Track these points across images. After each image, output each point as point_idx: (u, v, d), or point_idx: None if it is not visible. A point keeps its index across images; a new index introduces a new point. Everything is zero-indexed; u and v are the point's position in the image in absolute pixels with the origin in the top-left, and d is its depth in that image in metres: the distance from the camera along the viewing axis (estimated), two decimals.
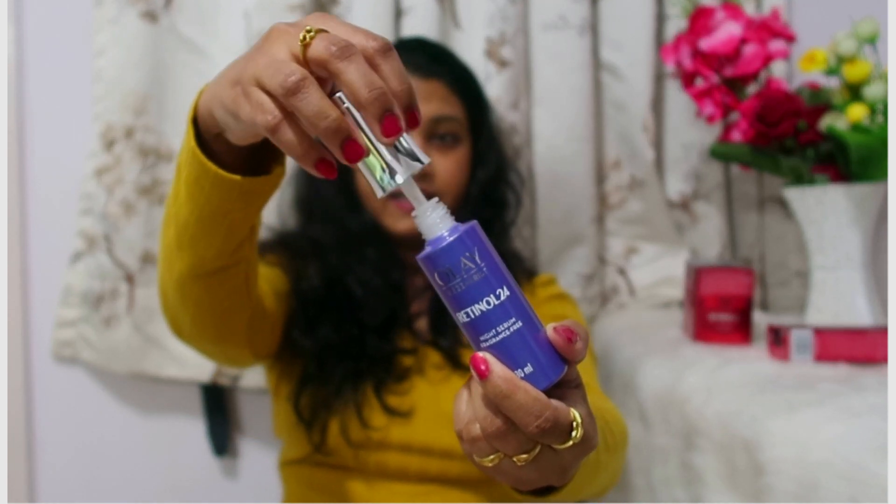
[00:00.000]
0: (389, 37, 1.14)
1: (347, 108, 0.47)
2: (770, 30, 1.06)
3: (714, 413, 0.79)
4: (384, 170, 0.48)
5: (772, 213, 1.26)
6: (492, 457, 0.48)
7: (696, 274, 0.99)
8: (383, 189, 0.49)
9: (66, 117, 1.17)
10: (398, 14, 1.16)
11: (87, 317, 1.14)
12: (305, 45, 0.46)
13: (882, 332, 0.86)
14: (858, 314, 0.97)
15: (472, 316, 0.47)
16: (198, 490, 1.23)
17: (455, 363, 0.89)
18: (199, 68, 1.14)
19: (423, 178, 0.90)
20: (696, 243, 1.27)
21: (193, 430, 1.22)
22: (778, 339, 0.88)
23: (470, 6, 1.17)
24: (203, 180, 0.59)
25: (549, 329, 0.47)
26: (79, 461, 1.21)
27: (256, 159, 0.61)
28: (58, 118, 1.17)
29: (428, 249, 0.48)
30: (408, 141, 0.48)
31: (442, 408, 0.86)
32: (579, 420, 0.47)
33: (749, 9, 1.20)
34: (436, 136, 0.92)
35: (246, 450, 1.24)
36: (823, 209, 0.99)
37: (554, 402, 0.46)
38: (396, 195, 0.89)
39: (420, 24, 1.13)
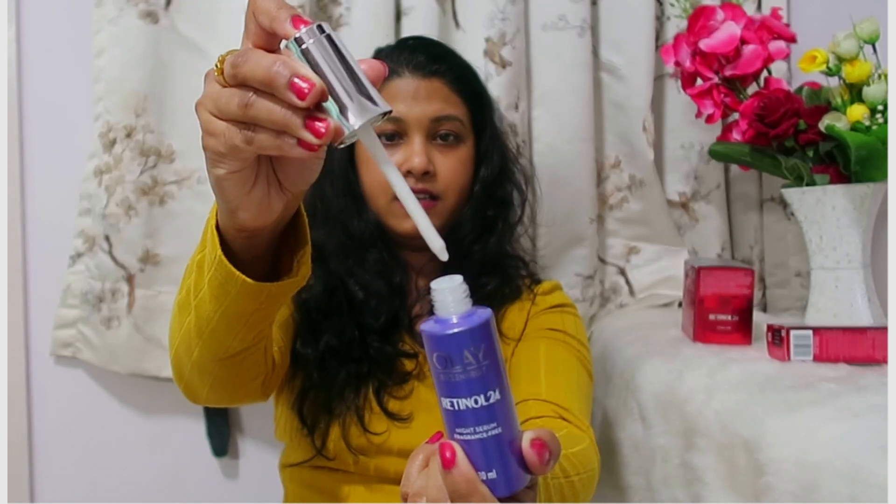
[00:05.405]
0: (389, 37, 1.13)
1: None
2: (770, 30, 1.06)
3: (714, 413, 0.79)
4: (341, 114, 0.45)
5: (772, 213, 1.26)
6: None
7: (696, 274, 0.99)
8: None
9: (66, 117, 1.17)
10: (398, 14, 1.16)
11: (87, 317, 1.13)
12: (220, 71, 0.47)
13: (882, 332, 0.86)
14: (858, 314, 0.97)
15: (456, 408, 0.46)
16: (198, 490, 1.23)
17: None
18: (199, 68, 1.14)
19: (426, 178, 0.90)
20: (696, 243, 1.27)
21: (193, 430, 1.22)
22: (778, 339, 0.88)
23: (470, 6, 1.17)
24: (229, 286, 0.59)
25: (526, 441, 0.47)
26: (79, 461, 1.20)
27: (279, 253, 0.62)
28: (58, 118, 1.17)
29: (434, 327, 0.46)
30: (366, 87, 0.45)
31: (440, 414, 0.86)
32: None
33: (749, 9, 1.20)
34: (437, 136, 0.92)
35: (246, 450, 1.24)
36: (823, 209, 0.99)
37: None
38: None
39: (420, 24, 1.13)
